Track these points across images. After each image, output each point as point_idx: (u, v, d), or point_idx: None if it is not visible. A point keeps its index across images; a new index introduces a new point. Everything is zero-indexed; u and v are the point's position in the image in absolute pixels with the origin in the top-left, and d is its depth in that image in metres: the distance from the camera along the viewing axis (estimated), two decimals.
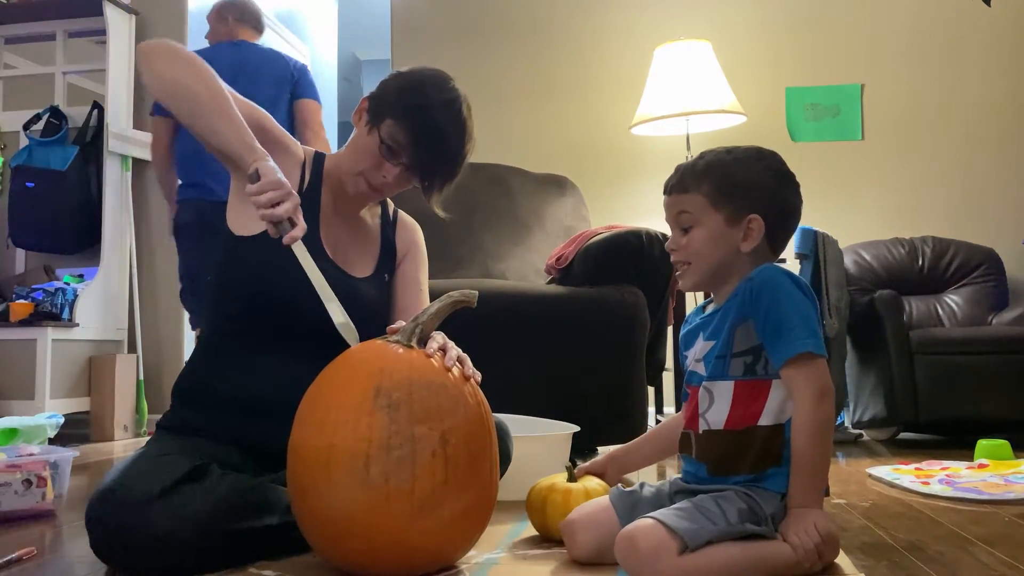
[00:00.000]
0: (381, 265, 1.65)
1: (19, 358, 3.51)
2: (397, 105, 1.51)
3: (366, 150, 1.52)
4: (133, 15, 4.08)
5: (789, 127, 4.04)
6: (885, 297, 3.17)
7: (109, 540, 1.26)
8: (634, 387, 2.47)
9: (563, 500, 1.44)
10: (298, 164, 1.59)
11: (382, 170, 1.52)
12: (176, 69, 1.43)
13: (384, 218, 1.71)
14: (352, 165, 1.54)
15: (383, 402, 1.20)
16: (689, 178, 1.36)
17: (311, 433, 1.23)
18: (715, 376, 1.32)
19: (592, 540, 1.31)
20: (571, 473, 1.50)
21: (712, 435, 1.32)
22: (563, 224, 3.21)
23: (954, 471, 2.24)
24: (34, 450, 1.89)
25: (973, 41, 4.00)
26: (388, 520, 1.17)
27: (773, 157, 1.39)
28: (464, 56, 4.24)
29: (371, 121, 1.53)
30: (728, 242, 1.34)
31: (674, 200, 1.38)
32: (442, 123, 1.51)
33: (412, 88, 1.53)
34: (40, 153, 3.87)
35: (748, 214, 1.33)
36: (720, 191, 1.33)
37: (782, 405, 1.28)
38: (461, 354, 1.33)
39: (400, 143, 1.50)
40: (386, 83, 1.57)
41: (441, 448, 1.19)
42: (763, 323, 1.27)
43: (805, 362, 1.25)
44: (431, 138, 1.50)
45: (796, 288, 1.29)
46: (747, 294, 1.29)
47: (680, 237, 1.37)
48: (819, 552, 1.20)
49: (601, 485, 1.48)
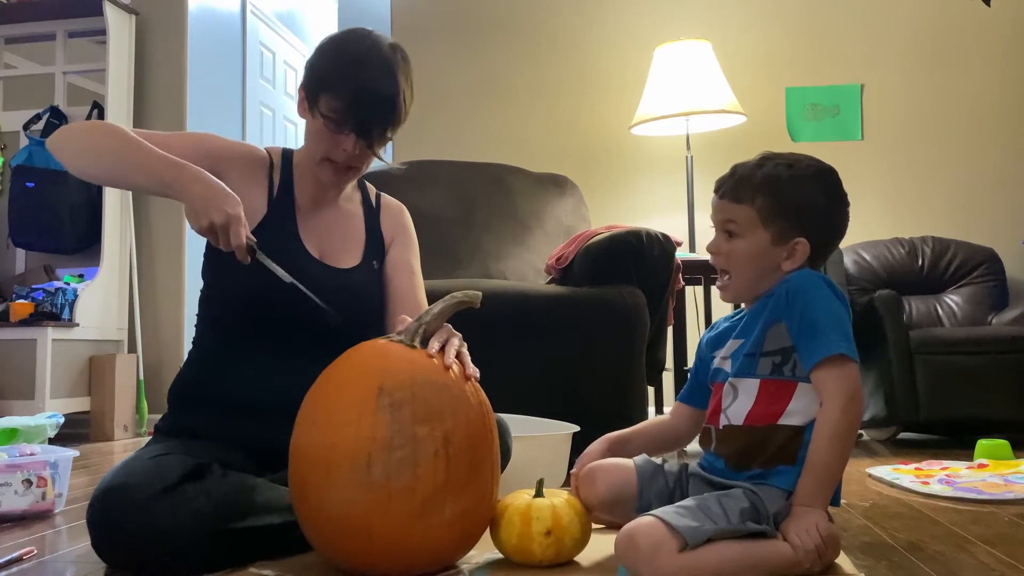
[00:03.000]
0: (368, 253, 1.64)
1: (19, 358, 3.51)
2: (323, 77, 1.49)
3: (317, 134, 1.51)
4: (133, 15, 4.08)
5: (789, 127, 4.04)
6: (885, 297, 3.16)
7: (110, 539, 1.26)
8: (634, 387, 2.47)
9: (520, 519, 1.27)
10: (264, 169, 1.58)
11: (339, 144, 1.50)
12: (76, 155, 1.44)
13: (366, 204, 1.69)
14: (313, 154, 1.53)
15: (385, 402, 1.19)
16: (744, 189, 1.34)
17: (313, 432, 1.23)
18: (742, 373, 1.32)
19: (612, 484, 1.33)
20: (540, 488, 1.34)
21: (732, 430, 1.32)
22: (563, 224, 3.21)
23: (954, 471, 2.24)
24: (34, 450, 1.89)
25: (973, 41, 4.00)
26: (389, 520, 1.17)
27: (831, 177, 1.37)
28: (464, 56, 4.24)
29: (310, 105, 1.51)
30: (771, 259, 1.34)
31: (724, 206, 1.36)
32: (371, 74, 1.46)
33: (331, 54, 1.51)
34: (40, 153, 3.86)
35: (796, 236, 1.33)
36: (772, 209, 1.32)
37: (806, 408, 1.28)
38: (461, 351, 1.32)
39: (339, 110, 1.47)
40: (309, 62, 1.54)
41: (443, 448, 1.19)
42: (797, 325, 1.28)
43: (838, 364, 1.25)
44: (363, 92, 1.46)
45: (832, 293, 1.29)
46: (782, 296, 1.30)
47: (723, 242, 1.36)
48: (819, 553, 1.20)
49: (569, 502, 1.32)
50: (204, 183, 1.34)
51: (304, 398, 1.28)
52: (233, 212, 1.33)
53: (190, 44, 4.18)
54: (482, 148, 4.08)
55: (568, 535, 1.28)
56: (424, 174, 3.16)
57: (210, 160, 1.44)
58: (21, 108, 4.11)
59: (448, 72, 4.26)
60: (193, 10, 4.22)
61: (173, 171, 1.36)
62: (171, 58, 4.15)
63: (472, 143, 4.14)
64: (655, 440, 1.54)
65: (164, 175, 1.36)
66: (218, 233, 1.32)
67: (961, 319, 3.52)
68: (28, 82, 4.33)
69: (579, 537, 1.30)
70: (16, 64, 4.35)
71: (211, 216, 1.31)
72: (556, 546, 1.27)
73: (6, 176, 4.02)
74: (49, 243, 3.91)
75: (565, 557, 1.29)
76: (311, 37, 6.06)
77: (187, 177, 1.35)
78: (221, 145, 1.56)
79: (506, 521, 1.29)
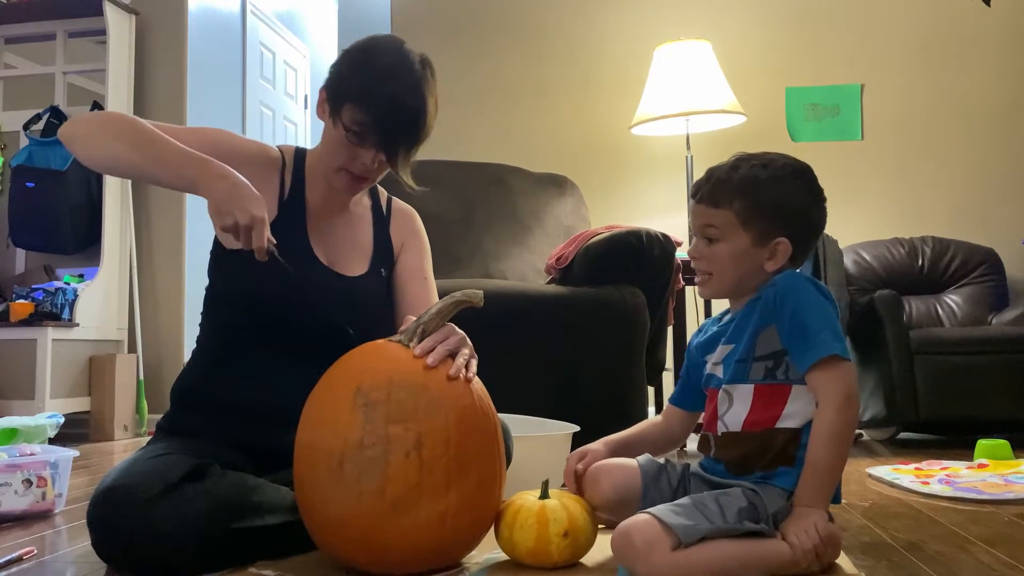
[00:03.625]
0: (376, 261, 1.61)
1: (19, 358, 3.51)
2: (350, 87, 1.45)
3: (337, 142, 1.47)
4: (133, 15, 4.08)
5: (789, 127, 4.04)
6: (885, 297, 3.16)
7: (110, 539, 1.26)
8: (634, 387, 2.47)
9: (537, 521, 1.26)
10: (276, 170, 1.55)
11: (359, 158, 1.47)
12: (93, 147, 1.39)
13: (376, 210, 1.66)
14: (329, 161, 1.50)
15: (361, 401, 1.20)
16: (721, 193, 1.33)
17: (303, 430, 1.25)
18: (735, 379, 1.33)
19: (617, 485, 1.33)
20: (545, 489, 1.33)
21: (730, 436, 1.33)
22: (563, 224, 3.21)
23: (954, 471, 2.24)
24: (34, 450, 1.89)
25: (973, 41, 4.00)
26: (360, 519, 1.18)
27: (807, 175, 1.36)
28: (464, 56, 4.24)
29: (332, 112, 1.47)
30: (753, 261, 1.34)
31: (703, 211, 1.36)
32: (400, 91, 1.43)
33: (361, 65, 1.46)
34: (40, 153, 3.86)
35: (776, 236, 1.32)
36: (751, 211, 1.32)
37: (802, 410, 1.28)
38: (454, 350, 1.28)
39: (364, 124, 1.43)
40: (336, 67, 1.50)
41: (415, 450, 1.18)
42: (788, 328, 1.27)
43: (832, 365, 1.25)
44: (390, 109, 1.42)
45: (819, 293, 1.29)
46: (770, 300, 1.30)
47: (704, 246, 1.35)
48: (817, 553, 1.20)
49: (579, 502, 1.33)
50: (230, 181, 1.30)
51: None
52: (258, 214, 1.29)
53: (190, 44, 4.18)
54: (482, 148, 4.08)
55: (583, 535, 1.28)
56: (424, 174, 3.14)
57: (222, 157, 1.39)
58: (21, 108, 4.11)
59: (448, 72, 4.22)
60: (193, 10, 4.22)
61: (197, 167, 1.32)
62: (171, 58, 4.15)
63: (472, 143, 4.14)
64: (653, 443, 1.53)
65: (188, 171, 1.32)
66: (240, 232, 1.29)
67: (961, 319, 3.52)
68: (28, 82, 4.33)
69: (592, 536, 1.31)
70: (16, 64, 4.35)
71: (236, 216, 1.28)
72: (572, 547, 1.27)
73: (6, 176, 4.02)
74: (49, 243, 3.91)
75: (579, 557, 1.30)
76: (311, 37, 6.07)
77: (212, 174, 1.31)
78: (234, 143, 1.53)
79: (520, 524, 1.26)
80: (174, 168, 1.33)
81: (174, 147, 1.35)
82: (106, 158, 1.40)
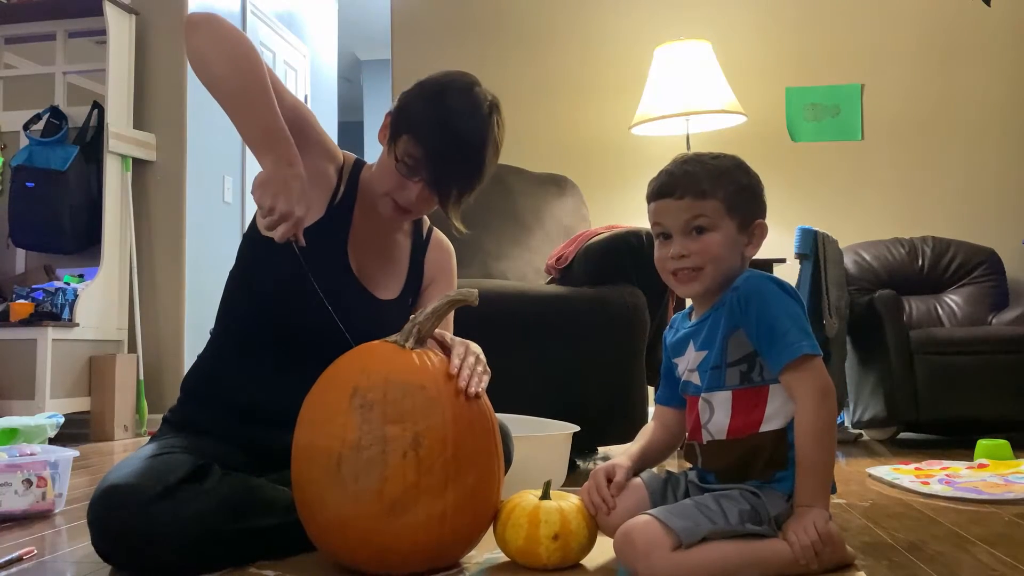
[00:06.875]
0: (407, 288, 1.60)
1: (19, 358, 3.51)
2: (411, 119, 1.44)
3: (389, 169, 1.46)
4: (133, 15, 4.08)
5: (789, 127, 4.04)
6: (885, 297, 3.16)
7: (110, 539, 1.26)
8: (634, 387, 2.47)
9: (528, 520, 1.26)
10: (336, 172, 1.54)
11: (406, 189, 1.45)
12: (212, 52, 1.36)
13: (416, 235, 1.64)
14: (379, 185, 1.49)
15: (358, 402, 1.20)
16: (704, 184, 1.33)
17: (300, 431, 1.26)
18: (712, 387, 1.33)
19: (628, 509, 1.30)
20: (547, 489, 1.33)
21: (716, 445, 1.32)
22: (563, 224, 3.21)
23: (954, 471, 2.24)
24: (34, 450, 1.89)
25: (973, 41, 4.00)
26: (358, 520, 1.18)
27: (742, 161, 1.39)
28: (464, 56, 4.23)
29: (390, 139, 1.46)
30: (738, 247, 1.34)
31: (688, 205, 1.32)
32: (460, 133, 1.42)
33: (428, 100, 1.45)
34: (40, 153, 3.86)
35: (754, 220, 1.35)
36: (735, 197, 1.33)
37: (782, 409, 1.28)
38: (474, 366, 1.29)
39: (416, 159, 1.42)
40: (406, 96, 1.49)
41: (413, 450, 1.18)
42: (755, 330, 1.28)
43: (804, 364, 1.25)
44: (447, 150, 1.41)
45: (782, 291, 1.30)
46: (734, 303, 1.29)
47: (691, 242, 1.32)
48: (816, 551, 1.20)
49: (578, 506, 1.32)
50: (294, 171, 1.30)
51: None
52: (299, 213, 1.29)
53: None
54: None
55: (575, 539, 1.27)
56: None
57: (295, 134, 1.37)
58: (21, 108, 4.11)
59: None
60: (193, 10, 4.22)
61: (276, 140, 1.31)
62: (171, 58, 4.15)
63: None
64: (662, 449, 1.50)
65: (267, 138, 1.31)
66: (274, 217, 1.28)
67: (961, 319, 3.52)
68: (28, 82, 4.33)
69: (585, 542, 1.29)
70: (16, 64, 4.35)
71: (278, 202, 1.27)
72: (562, 551, 1.26)
73: (6, 176, 4.02)
74: (49, 243, 3.91)
75: (570, 562, 1.28)
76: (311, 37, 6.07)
77: (283, 157, 1.30)
78: (312, 128, 1.51)
79: (512, 522, 1.26)
80: (257, 128, 1.32)
81: (270, 108, 1.34)
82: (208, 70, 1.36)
